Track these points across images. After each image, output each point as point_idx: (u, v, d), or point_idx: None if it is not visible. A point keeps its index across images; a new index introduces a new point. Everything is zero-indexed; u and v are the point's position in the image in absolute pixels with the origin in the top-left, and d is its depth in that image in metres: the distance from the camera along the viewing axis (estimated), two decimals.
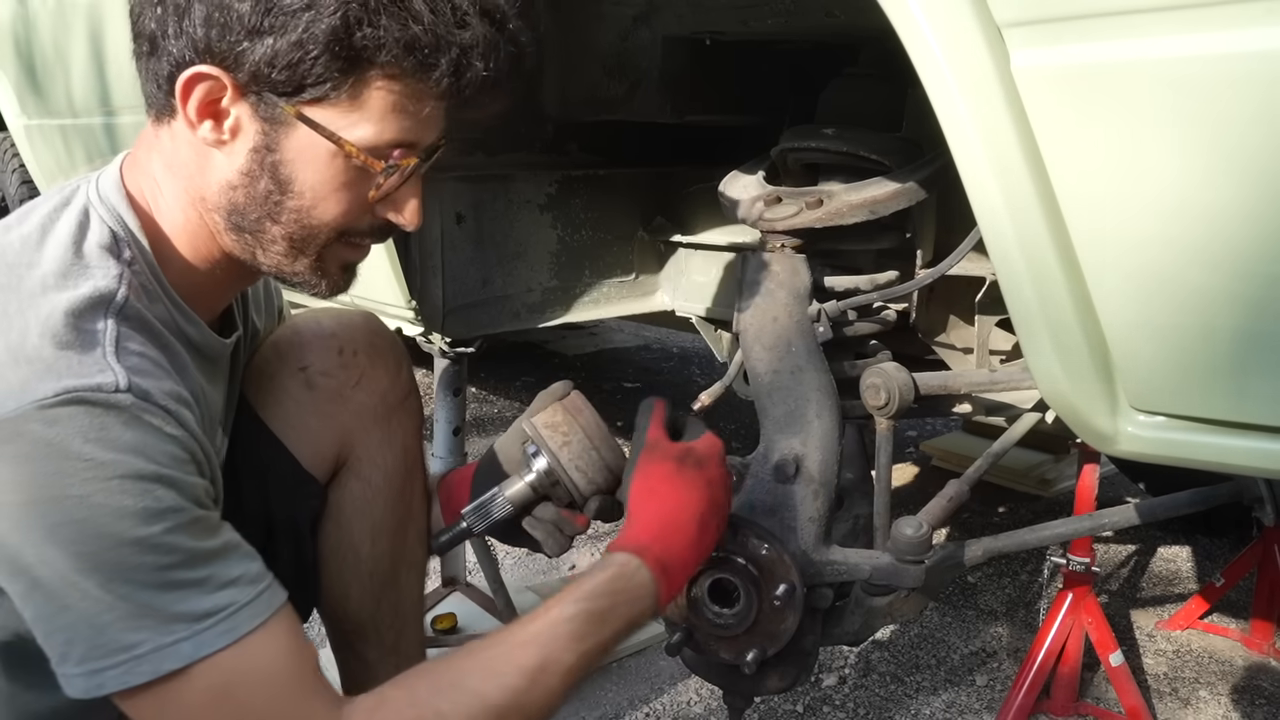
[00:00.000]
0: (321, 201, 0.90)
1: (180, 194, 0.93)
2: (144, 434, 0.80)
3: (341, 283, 0.99)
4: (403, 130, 0.89)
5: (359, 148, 0.88)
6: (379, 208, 0.94)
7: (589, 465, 1.08)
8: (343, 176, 0.90)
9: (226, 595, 0.83)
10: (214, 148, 0.89)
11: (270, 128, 0.87)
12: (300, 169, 0.89)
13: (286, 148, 0.88)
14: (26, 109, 2.71)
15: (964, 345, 1.55)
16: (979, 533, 1.41)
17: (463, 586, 1.90)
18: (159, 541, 0.79)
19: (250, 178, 0.89)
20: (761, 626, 1.10)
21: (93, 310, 0.84)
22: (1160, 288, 0.81)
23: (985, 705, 1.76)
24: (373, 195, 0.92)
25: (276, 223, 0.91)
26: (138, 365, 0.83)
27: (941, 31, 0.82)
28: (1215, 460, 0.86)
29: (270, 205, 0.90)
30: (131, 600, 0.79)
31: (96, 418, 0.78)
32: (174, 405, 0.84)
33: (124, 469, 0.79)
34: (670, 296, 1.94)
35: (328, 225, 0.92)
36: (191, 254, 0.95)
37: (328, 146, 0.87)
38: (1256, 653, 1.94)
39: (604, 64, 1.72)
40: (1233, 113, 0.72)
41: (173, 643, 0.80)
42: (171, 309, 0.94)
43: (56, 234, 0.89)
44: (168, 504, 0.80)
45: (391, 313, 1.66)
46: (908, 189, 1.26)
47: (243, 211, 0.91)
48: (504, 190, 1.73)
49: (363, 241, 0.97)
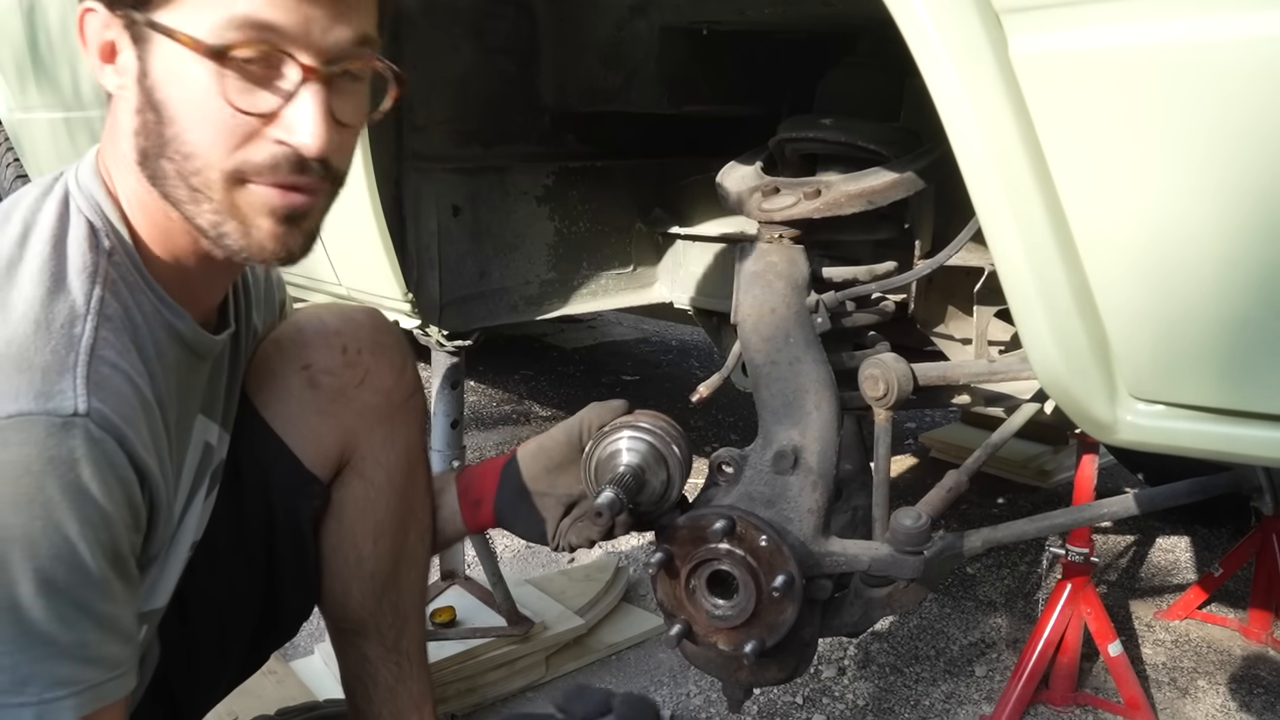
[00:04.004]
0: (194, 123, 0.81)
1: (126, 163, 0.88)
2: (90, 472, 0.78)
3: (283, 240, 0.87)
4: (253, 4, 0.78)
5: (209, 44, 0.78)
6: (270, 127, 0.82)
7: (685, 471, 1.16)
8: (209, 84, 0.79)
9: (88, 671, 0.81)
10: (119, 97, 0.85)
11: (141, 50, 0.82)
12: (172, 89, 0.81)
13: (155, 67, 0.81)
14: (21, 101, 2.69)
15: (962, 336, 1.55)
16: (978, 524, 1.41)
17: (462, 580, 1.90)
18: (58, 591, 0.78)
19: (140, 113, 0.83)
20: (760, 618, 1.10)
21: (70, 315, 0.82)
22: (1160, 276, 0.81)
23: (984, 696, 1.76)
24: (241, 104, 0.80)
25: (167, 158, 0.83)
26: (106, 379, 0.81)
27: (939, 18, 0.82)
28: (1215, 449, 0.86)
29: (157, 139, 0.83)
30: (4, 644, 0.77)
31: (47, 450, 0.77)
32: (129, 430, 0.82)
33: (55, 508, 0.77)
34: (668, 288, 1.94)
35: (209, 156, 0.82)
36: (164, 235, 0.90)
37: (185, 54, 0.78)
38: (1255, 642, 1.95)
39: (601, 54, 1.71)
40: (1234, 98, 0.72)
41: (17, 705, 0.78)
42: (156, 302, 0.90)
43: (38, 229, 0.86)
44: (81, 556, 0.79)
45: (388, 306, 1.65)
46: (906, 179, 1.25)
47: (146, 155, 0.84)
48: (501, 182, 1.73)
49: (276, 179, 0.84)
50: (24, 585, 0.77)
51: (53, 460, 0.77)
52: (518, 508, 1.24)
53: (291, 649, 1.80)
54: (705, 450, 2.10)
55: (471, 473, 1.30)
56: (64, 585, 0.78)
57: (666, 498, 1.15)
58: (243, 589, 1.16)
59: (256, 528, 1.15)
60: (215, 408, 1.07)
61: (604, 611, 1.94)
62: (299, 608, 1.23)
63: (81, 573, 0.79)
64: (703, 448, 2.76)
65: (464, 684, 1.69)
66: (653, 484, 1.14)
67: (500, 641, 1.73)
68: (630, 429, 1.15)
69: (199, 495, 1.05)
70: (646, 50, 1.70)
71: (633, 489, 1.10)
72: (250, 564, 1.15)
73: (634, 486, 1.11)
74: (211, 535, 1.10)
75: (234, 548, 1.14)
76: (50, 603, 0.78)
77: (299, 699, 1.61)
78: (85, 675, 0.81)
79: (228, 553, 1.13)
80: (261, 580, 1.17)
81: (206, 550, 1.10)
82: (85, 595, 0.80)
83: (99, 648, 0.82)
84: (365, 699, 1.26)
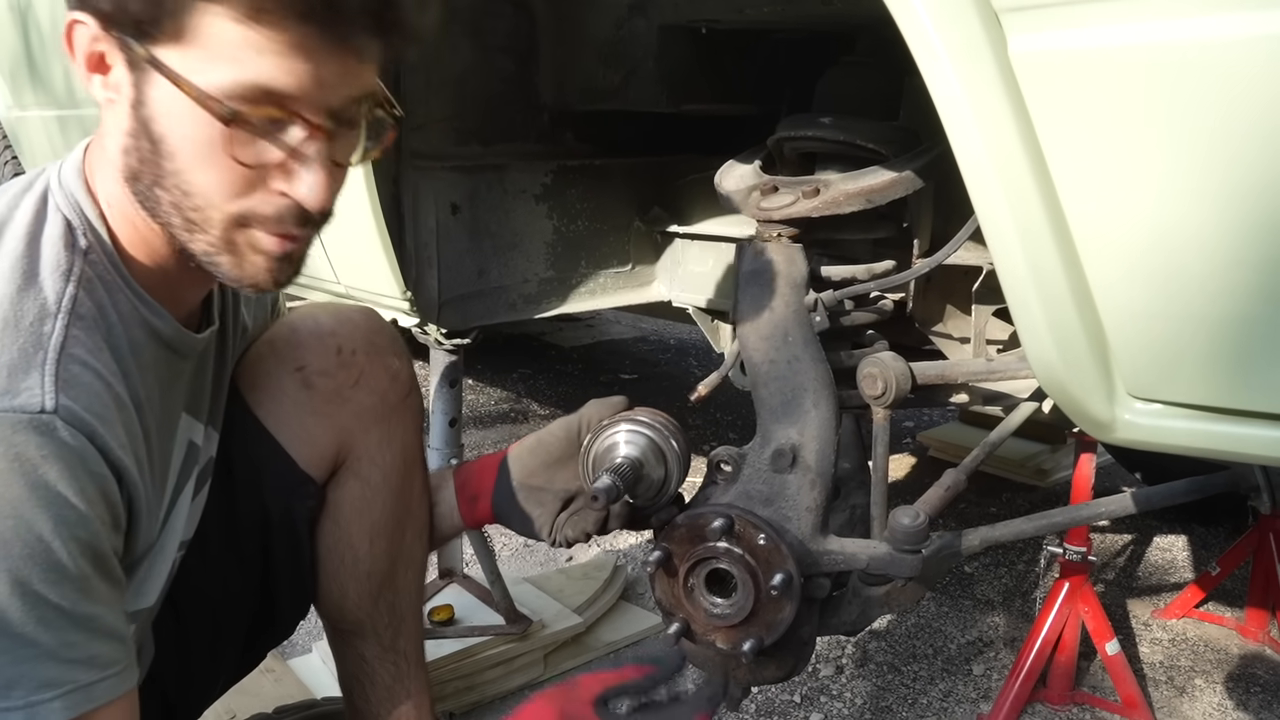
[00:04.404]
0: (196, 165, 0.80)
1: (111, 170, 0.87)
2: (59, 469, 0.77)
3: (274, 274, 0.87)
4: (266, 73, 0.76)
5: (220, 110, 0.76)
6: (274, 180, 0.82)
7: (684, 466, 1.16)
8: (214, 136, 0.78)
9: (75, 671, 0.80)
10: (108, 108, 0.83)
11: (137, 76, 0.79)
12: (170, 124, 0.79)
13: (152, 99, 0.79)
14: (18, 99, 2.69)
15: (961, 335, 1.55)
16: (976, 522, 1.42)
17: (459, 578, 1.90)
18: (33, 591, 0.77)
19: (134, 137, 0.81)
20: (759, 616, 1.10)
21: (40, 312, 0.81)
22: (1158, 275, 0.81)
23: (982, 694, 1.77)
24: (245, 158, 0.79)
25: (164, 189, 0.82)
26: (76, 376, 0.80)
27: (938, 17, 0.82)
28: (1213, 448, 0.86)
29: (153, 168, 0.82)
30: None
31: (13, 448, 0.75)
32: (101, 427, 0.81)
33: (23, 507, 0.76)
34: (667, 287, 1.94)
35: (211, 197, 0.81)
36: (145, 239, 0.89)
37: (186, 100, 0.77)
38: (1252, 641, 1.95)
39: (600, 53, 1.71)
40: (1234, 98, 0.72)
41: (4, 709, 0.77)
42: (134, 300, 0.89)
43: (14, 225, 0.86)
44: (57, 555, 0.77)
45: (386, 304, 1.65)
46: (904, 178, 1.25)
47: (137, 176, 0.83)
48: (499, 180, 1.73)
49: (279, 230, 0.84)
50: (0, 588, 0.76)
51: (19, 458, 0.76)
52: (515, 502, 1.24)
53: (289, 647, 1.80)
54: (703, 449, 2.10)
55: (469, 468, 1.30)
56: (40, 585, 0.77)
57: (664, 492, 1.15)
58: (237, 589, 1.15)
59: (250, 528, 1.14)
60: (200, 406, 1.05)
61: (602, 610, 1.94)
62: (295, 608, 1.23)
63: (57, 571, 0.78)
64: (701, 446, 2.76)
65: (462, 682, 1.69)
66: (650, 477, 1.14)
67: (498, 640, 1.73)
68: (629, 423, 1.15)
69: (185, 494, 1.04)
70: (645, 49, 1.70)
71: (630, 479, 1.10)
72: (244, 564, 1.15)
73: (631, 477, 1.11)
74: (204, 535, 1.10)
75: (227, 548, 1.13)
76: (27, 604, 0.77)
77: (297, 697, 1.61)
78: (72, 676, 0.81)
79: (221, 553, 1.13)
80: (256, 580, 1.16)
81: (199, 550, 1.09)
82: (64, 595, 0.79)
83: (84, 648, 0.82)
84: (363, 699, 1.26)
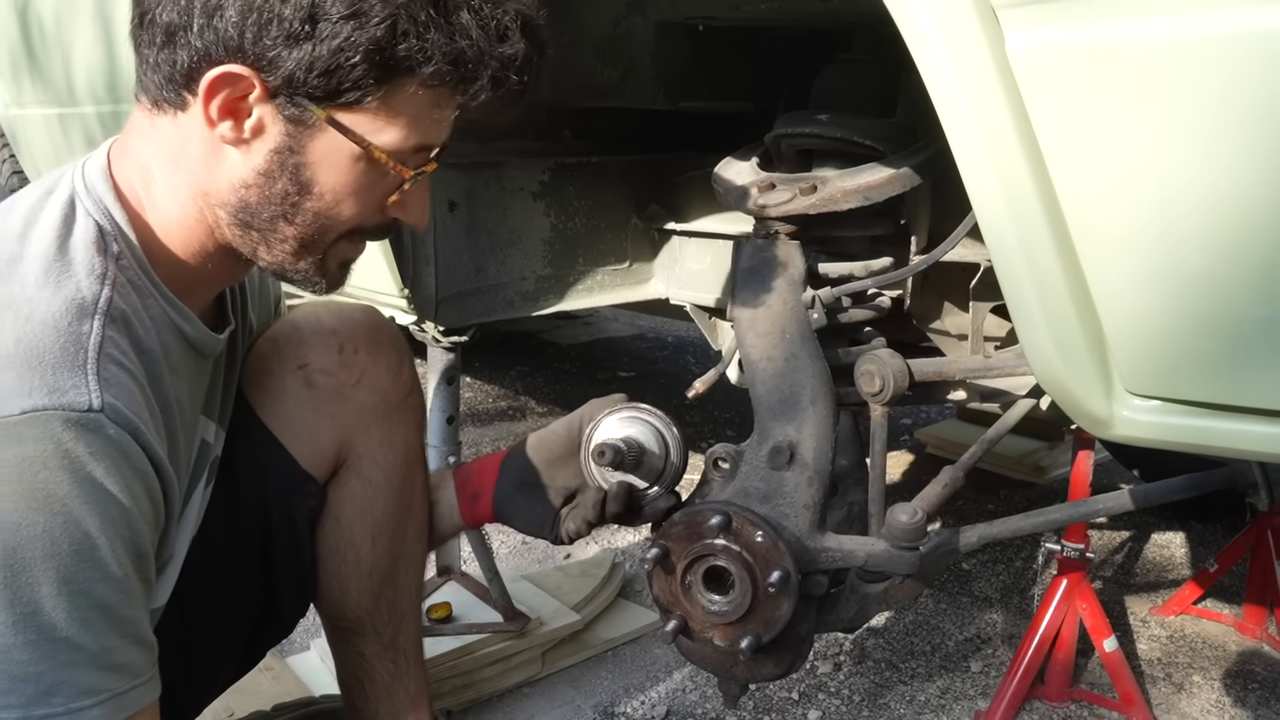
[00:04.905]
0: (340, 203, 0.91)
1: (181, 187, 0.91)
2: (106, 466, 0.78)
3: (339, 279, 0.99)
4: (426, 135, 0.89)
5: (386, 152, 0.88)
6: (390, 208, 0.94)
7: (683, 456, 1.18)
8: (364, 179, 0.90)
9: (111, 679, 0.81)
10: (230, 145, 0.87)
11: (296, 129, 0.86)
12: (323, 171, 0.88)
13: (311, 150, 0.87)
14: (16, 97, 2.68)
15: (959, 331, 1.55)
16: (973, 519, 1.42)
17: (457, 576, 1.90)
18: (80, 590, 0.77)
19: (267, 178, 0.88)
20: (756, 613, 1.10)
21: (78, 313, 0.82)
22: (1156, 271, 0.81)
23: (980, 691, 1.77)
24: (394, 199, 0.93)
25: (291, 223, 0.91)
26: (115, 376, 0.81)
27: (936, 14, 0.82)
28: (1211, 444, 0.86)
29: (287, 206, 0.90)
30: (30, 650, 0.76)
31: (63, 444, 0.76)
32: (143, 427, 0.82)
33: (72, 503, 0.76)
34: (664, 284, 1.94)
35: (344, 226, 0.92)
36: (183, 247, 0.93)
37: (353, 150, 0.87)
38: (1250, 638, 1.95)
39: (597, 50, 1.71)
40: (1231, 94, 0.72)
41: (43, 716, 0.77)
42: (164, 305, 0.92)
43: (40, 228, 0.86)
44: (102, 554, 0.78)
45: (384, 301, 1.65)
46: (902, 174, 1.25)
47: (254, 210, 0.90)
48: (497, 178, 1.72)
49: (366, 240, 0.98)
50: (46, 587, 0.76)
51: (67, 455, 0.76)
52: (517, 500, 1.24)
53: (288, 645, 1.80)
54: (701, 446, 2.09)
55: (469, 467, 1.30)
56: (85, 586, 0.78)
57: (663, 478, 1.16)
58: (238, 586, 1.15)
59: (252, 526, 1.14)
60: (214, 405, 1.07)
61: (600, 607, 1.94)
62: (295, 606, 1.23)
63: (102, 571, 0.79)
64: (699, 444, 2.76)
65: (460, 680, 1.69)
66: (651, 461, 1.15)
67: (496, 637, 1.73)
68: (630, 408, 1.17)
69: (196, 493, 1.05)
70: (643, 46, 1.69)
71: (634, 454, 1.13)
72: (245, 562, 1.15)
73: (633, 458, 1.13)
74: (206, 532, 1.10)
75: (229, 545, 1.14)
76: (73, 605, 0.77)
77: (295, 695, 1.61)
78: (110, 683, 0.81)
79: (223, 550, 1.13)
80: (257, 578, 1.16)
81: (201, 547, 1.10)
82: (107, 597, 0.79)
83: (121, 654, 0.82)
84: (362, 696, 1.26)
